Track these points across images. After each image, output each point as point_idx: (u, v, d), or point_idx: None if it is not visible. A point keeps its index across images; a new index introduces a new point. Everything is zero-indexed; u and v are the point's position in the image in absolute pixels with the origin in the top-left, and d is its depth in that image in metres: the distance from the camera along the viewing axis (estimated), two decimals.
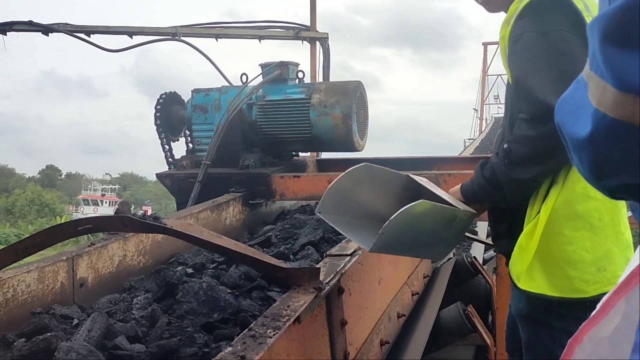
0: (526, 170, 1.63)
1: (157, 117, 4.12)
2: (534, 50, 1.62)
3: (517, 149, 1.63)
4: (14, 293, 1.83)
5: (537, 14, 1.64)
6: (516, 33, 1.66)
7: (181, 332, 1.59)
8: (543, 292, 1.68)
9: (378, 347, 2.23)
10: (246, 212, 3.63)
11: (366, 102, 4.08)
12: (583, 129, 0.78)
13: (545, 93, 1.55)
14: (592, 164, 0.81)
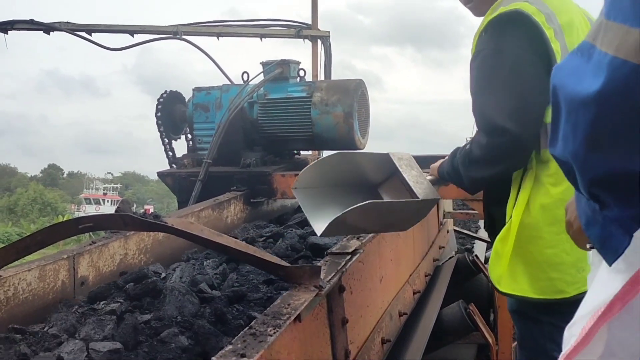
0: (479, 170, 1.79)
1: (158, 116, 4.12)
2: (486, 69, 1.74)
3: (474, 151, 1.78)
4: (15, 291, 1.83)
5: (495, 30, 1.73)
6: (477, 49, 1.79)
7: (248, 283, 2.06)
8: (526, 294, 1.76)
9: (379, 346, 2.22)
10: (247, 210, 3.63)
11: (367, 101, 4.07)
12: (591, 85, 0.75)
13: (492, 111, 1.70)
14: (592, 128, 0.77)
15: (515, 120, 1.65)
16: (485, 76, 1.74)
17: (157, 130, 4.13)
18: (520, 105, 1.67)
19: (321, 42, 5.87)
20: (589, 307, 0.92)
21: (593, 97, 0.74)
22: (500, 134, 1.67)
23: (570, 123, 0.80)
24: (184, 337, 1.55)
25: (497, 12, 1.73)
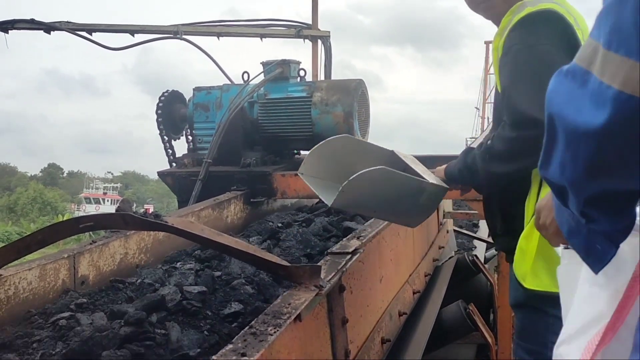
0: (501, 166, 1.79)
1: (158, 115, 4.12)
2: (520, 63, 1.75)
3: (497, 146, 1.79)
4: (16, 291, 1.84)
5: (527, 27, 1.76)
6: (507, 45, 1.80)
7: (291, 255, 2.41)
8: (549, 289, 1.75)
9: (379, 345, 2.22)
10: (247, 210, 3.63)
11: (367, 101, 4.08)
12: (593, 117, 0.74)
13: (525, 103, 1.70)
14: (593, 159, 0.77)
15: None
16: (518, 70, 1.75)
17: (158, 129, 4.14)
18: None
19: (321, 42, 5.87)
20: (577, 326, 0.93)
21: (596, 131, 0.73)
22: (533, 126, 1.66)
23: (570, 152, 0.79)
24: (249, 286, 1.96)
25: (525, 11, 1.76)
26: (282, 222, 3.12)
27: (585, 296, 0.95)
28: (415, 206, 1.94)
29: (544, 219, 1.10)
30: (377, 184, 1.79)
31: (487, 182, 1.87)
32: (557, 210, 0.96)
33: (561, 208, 0.92)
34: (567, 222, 0.91)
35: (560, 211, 0.94)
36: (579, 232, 0.88)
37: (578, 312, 0.96)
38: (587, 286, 0.95)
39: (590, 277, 0.93)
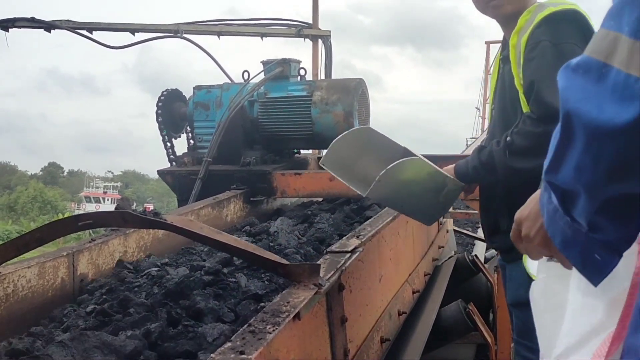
0: (523, 161, 1.78)
1: (158, 114, 4.12)
2: (547, 58, 1.76)
3: (519, 142, 1.78)
4: (15, 288, 1.83)
5: (552, 25, 1.79)
6: (534, 41, 1.81)
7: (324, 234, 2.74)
8: None
9: (378, 345, 2.22)
10: (247, 209, 3.63)
11: (368, 100, 4.07)
12: (619, 113, 0.69)
13: (553, 97, 1.69)
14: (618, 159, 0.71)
15: None
16: (546, 65, 1.76)
17: (158, 128, 4.14)
18: None
19: (322, 42, 5.88)
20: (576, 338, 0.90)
21: (623, 128, 0.68)
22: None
23: (591, 154, 0.74)
24: (297, 255, 2.31)
25: (547, 10, 1.79)
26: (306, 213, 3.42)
27: (579, 307, 0.92)
28: (435, 202, 1.98)
29: (528, 229, 1.03)
30: (411, 175, 1.83)
31: (506, 177, 1.87)
32: (549, 219, 0.90)
33: (555, 217, 0.87)
34: (562, 232, 0.86)
35: (553, 220, 0.88)
36: (576, 242, 0.84)
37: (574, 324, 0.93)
38: (580, 297, 0.92)
39: (582, 287, 0.90)
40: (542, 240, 0.99)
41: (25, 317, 1.84)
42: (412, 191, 1.91)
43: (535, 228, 1.00)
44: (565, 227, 0.85)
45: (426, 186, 1.90)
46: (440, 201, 1.97)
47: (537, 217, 0.99)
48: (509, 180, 1.88)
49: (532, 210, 1.03)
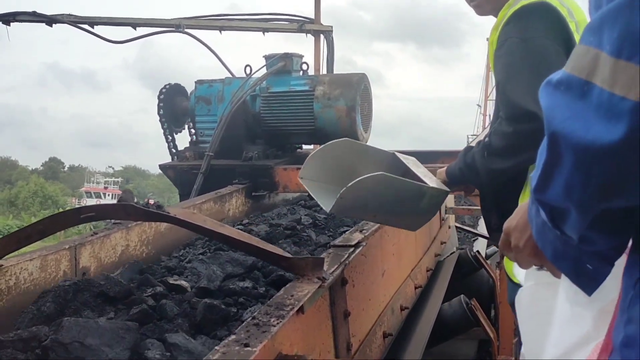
0: (500, 162, 1.78)
1: (160, 108, 4.11)
2: (515, 56, 1.73)
3: (495, 143, 1.77)
4: (17, 281, 1.82)
5: (521, 20, 1.74)
6: (502, 39, 1.78)
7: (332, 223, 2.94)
8: None
9: (381, 339, 2.21)
10: (249, 204, 3.62)
11: (370, 95, 4.06)
12: (607, 133, 0.67)
13: (521, 97, 1.68)
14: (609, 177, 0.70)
15: None
16: (513, 64, 1.74)
17: (159, 122, 4.12)
18: None
19: (324, 37, 5.85)
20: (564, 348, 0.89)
21: (612, 147, 0.67)
22: (530, 120, 1.66)
23: (581, 173, 0.73)
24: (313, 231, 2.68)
25: (519, 4, 1.75)
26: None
27: (568, 317, 0.92)
28: (415, 210, 1.91)
29: (517, 240, 1.02)
30: (377, 190, 1.76)
31: (488, 179, 1.85)
32: (537, 232, 0.89)
33: (544, 230, 0.86)
34: (552, 244, 0.85)
35: (542, 233, 0.87)
36: (567, 254, 0.83)
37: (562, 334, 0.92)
38: (569, 306, 0.91)
39: (571, 297, 0.90)
40: (532, 251, 0.98)
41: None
42: (385, 203, 1.83)
43: (524, 239, 0.99)
44: (555, 240, 0.84)
45: (400, 197, 1.83)
46: (422, 207, 1.90)
47: (525, 227, 0.98)
48: (490, 181, 1.87)
49: (519, 220, 1.01)
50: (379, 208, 1.85)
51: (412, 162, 2.05)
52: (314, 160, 1.98)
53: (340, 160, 2.01)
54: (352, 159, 2.01)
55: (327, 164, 1.99)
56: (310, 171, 1.98)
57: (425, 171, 2.00)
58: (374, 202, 1.80)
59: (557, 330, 0.93)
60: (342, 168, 1.99)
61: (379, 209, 1.86)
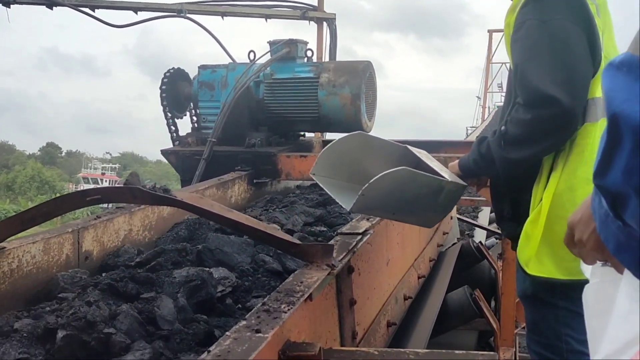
0: (519, 151, 1.71)
1: (162, 91, 4.06)
2: (534, 38, 1.68)
3: (512, 131, 1.71)
4: (19, 264, 1.80)
5: (539, 1, 1.68)
6: (519, 21, 1.72)
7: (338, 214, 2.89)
8: (552, 276, 1.71)
9: (385, 329, 2.20)
10: (252, 191, 3.60)
11: (375, 83, 4.03)
12: None
13: (540, 81, 1.62)
14: None
15: (566, 90, 1.59)
16: (532, 46, 1.68)
17: (162, 106, 4.08)
18: (570, 75, 1.62)
19: (327, 25, 5.80)
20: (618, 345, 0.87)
21: None
22: (551, 105, 1.61)
23: None
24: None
25: None
26: None
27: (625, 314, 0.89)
28: (433, 206, 1.87)
29: (580, 234, 1.01)
30: (397, 186, 1.70)
31: (504, 169, 1.79)
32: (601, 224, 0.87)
33: (607, 221, 0.84)
34: (615, 236, 0.83)
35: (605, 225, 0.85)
36: (630, 247, 0.80)
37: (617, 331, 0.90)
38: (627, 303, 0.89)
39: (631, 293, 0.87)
40: (595, 245, 0.96)
41: (29, 293, 1.81)
42: (403, 199, 1.78)
43: (588, 233, 0.98)
44: (618, 232, 0.82)
45: (420, 193, 1.79)
46: (439, 203, 1.86)
47: (589, 221, 0.97)
48: (506, 171, 1.82)
49: (583, 214, 1.00)
50: (398, 205, 1.79)
51: (425, 155, 1.99)
52: (326, 155, 1.91)
53: (350, 155, 1.94)
54: (359, 153, 1.95)
55: (338, 160, 1.93)
56: (322, 168, 1.91)
57: (440, 165, 1.94)
58: (393, 199, 1.74)
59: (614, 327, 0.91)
60: (350, 163, 1.93)
61: (398, 206, 1.80)
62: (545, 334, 1.79)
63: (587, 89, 1.66)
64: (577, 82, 1.63)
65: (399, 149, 2.00)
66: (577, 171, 1.69)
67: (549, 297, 1.76)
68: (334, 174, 1.94)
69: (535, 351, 1.86)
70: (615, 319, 0.91)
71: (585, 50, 1.64)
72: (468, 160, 1.91)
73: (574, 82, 1.62)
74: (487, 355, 1.30)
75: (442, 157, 3.46)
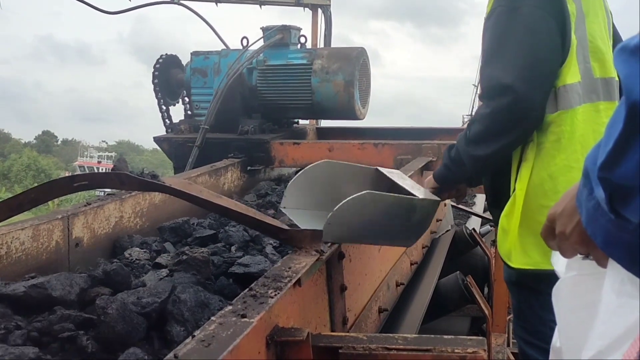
0: (483, 147, 1.69)
1: (155, 77, 4.04)
2: (500, 28, 1.65)
3: (474, 127, 1.69)
4: (8, 250, 1.79)
5: None
6: (492, 7, 1.69)
7: None
8: (538, 267, 1.70)
9: (376, 314, 2.21)
10: (245, 178, 3.59)
11: (369, 70, 4.01)
12: None
13: (502, 70, 1.60)
14: None
15: (521, 77, 1.57)
16: (497, 36, 1.66)
17: (154, 92, 4.06)
18: (528, 62, 1.59)
19: (322, 12, 5.76)
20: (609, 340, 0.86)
21: None
22: (505, 94, 1.58)
23: None
24: None
25: None
26: None
27: (614, 308, 0.87)
28: (408, 225, 1.81)
29: (563, 227, 0.97)
30: (365, 210, 1.65)
31: (473, 167, 1.76)
32: (588, 217, 0.85)
33: (596, 215, 0.82)
34: (605, 230, 0.81)
35: (593, 218, 0.83)
36: (621, 239, 0.78)
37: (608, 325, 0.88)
38: (615, 297, 0.87)
39: (617, 287, 0.86)
40: (579, 238, 0.94)
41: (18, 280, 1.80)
42: (376, 223, 1.71)
43: (572, 225, 0.95)
44: (608, 225, 0.80)
45: (391, 214, 1.72)
46: (415, 221, 1.79)
47: (573, 213, 0.94)
48: (477, 171, 1.80)
49: (566, 206, 0.97)
50: (371, 228, 1.73)
51: (397, 175, 1.94)
52: (294, 187, 1.84)
53: (322, 183, 1.88)
54: (334, 180, 1.89)
55: (309, 189, 1.87)
56: (293, 199, 1.84)
57: (413, 183, 1.91)
58: (364, 224, 1.68)
59: (603, 322, 0.89)
60: (326, 191, 1.87)
61: (371, 230, 1.74)
62: (530, 320, 1.79)
63: (547, 77, 1.63)
64: (536, 70, 1.59)
65: (370, 172, 1.94)
66: (555, 159, 1.68)
67: (534, 284, 1.75)
68: (306, 204, 1.87)
69: (521, 337, 1.86)
70: (604, 314, 0.89)
71: (551, 38, 1.61)
72: (441, 169, 1.88)
73: (533, 70, 1.59)
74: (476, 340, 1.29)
75: (437, 145, 3.47)
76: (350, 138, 4.10)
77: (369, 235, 1.77)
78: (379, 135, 4.17)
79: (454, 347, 1.22)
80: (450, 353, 1.21)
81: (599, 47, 1.75)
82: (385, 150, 3.47)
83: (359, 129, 4.43)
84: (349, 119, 4.00)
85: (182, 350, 0.93)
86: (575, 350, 0.96)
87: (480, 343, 1.26)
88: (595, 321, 0.90)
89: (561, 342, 1.03)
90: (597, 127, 1.70)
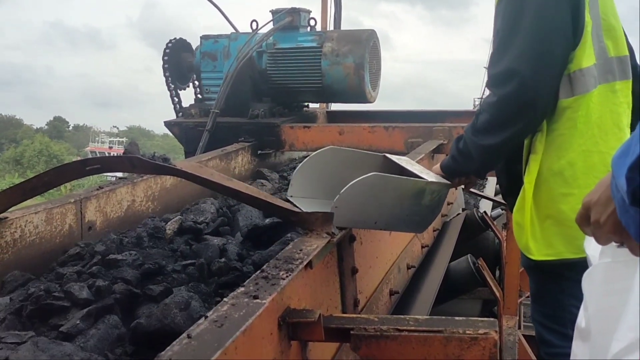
0: (491, 136, 1.65)
1: (165, 60, 4.03)
2: (511, 13, 1.61)
3: (482, 117, 1.67)
4: (22, 234, 1.81)
5: None
6: None
7: None
8: (561, 257, 1.69)
9: (387, 297, 2.21)
10: (255, 162, 3.59)
11: (379, 52, 3.98)
12: None
13: (509, 56, 1.57)
14: None
15: (528, 64, 1.54)
16: (506, 22, 1.63)
17: (164, 77, 4.05)
18: (537, 46, 1.56)
19: None
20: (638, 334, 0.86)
21: None
22: (511, 79, 1.55)
23: None
24: None
25: None
26: None
27: None
28: (419, 209, 1.78)
29: (598, 215, 0.98)
30: (373, 194, 1.62)
31: (481, 157, 1.72)
32: (620, 208, 0.86)
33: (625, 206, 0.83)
34: (636, 222, 0.83)
35: (624, 209, 0.84)
36: None
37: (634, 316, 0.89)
38: None
39: None
40: (613, 227, 0.94)
41: (32, 263, 1.82)
42: (384, 206, 1.68)
43: (606, 214, 0.95)
44: (638, 217, 0.81)
45: (400, 197, 1.69)
46: (424, 205, 1.77)
47: (608, 202, 0.94)
48: (484, 162, 1.75)
49: (602, 195, 0.97)
50: (380, 213, 1.70)
51: (405, 161, 1.92)
52: (301, 175, 1.82)
53: (329, 170, 1.86)
54: (340, 167, 1.87)
55: (316, 177, 1.84)
56: (300, 188, 1.82)
57: (421, 168, 1.88)
58: (373, 208, 1.66)
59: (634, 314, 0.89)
60: (334, 179, 1.83)
61: (380, 214, 1.71)
62: (549, 304, 1.78)
63: (557, 62, 1.59)
64: (544, 56, 1.55)
65: (378, 159, 1.92)
66: (573, 145, 1.65)
67: (555, 270, 1.73)
68: (313, 192, 1.84)
69: (539, 321, 1.85)
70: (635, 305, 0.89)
71: (563, 22, 1.58)
72: (448, 159, 1.86)
73: (541, 56, 1.55)
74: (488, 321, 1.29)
75: (447, 127, 3.44)
76: (361, 121, 4.09)
77: (380, 220, 1.74)
78: (389, 118, 4.16)
79: (466, 328, 1.22)
80: (462, 334, 1.21)
81: (612, 25, 1.71)
82: (396, 134, 3.45)
83: (369, 112, 4.41)
84: (359, 102, 3.98)
85: (196, 330, 0.94)
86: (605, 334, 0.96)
87: (491, 325, 1.26)
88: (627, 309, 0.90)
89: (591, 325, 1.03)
90: (614, 107, 1.67)
